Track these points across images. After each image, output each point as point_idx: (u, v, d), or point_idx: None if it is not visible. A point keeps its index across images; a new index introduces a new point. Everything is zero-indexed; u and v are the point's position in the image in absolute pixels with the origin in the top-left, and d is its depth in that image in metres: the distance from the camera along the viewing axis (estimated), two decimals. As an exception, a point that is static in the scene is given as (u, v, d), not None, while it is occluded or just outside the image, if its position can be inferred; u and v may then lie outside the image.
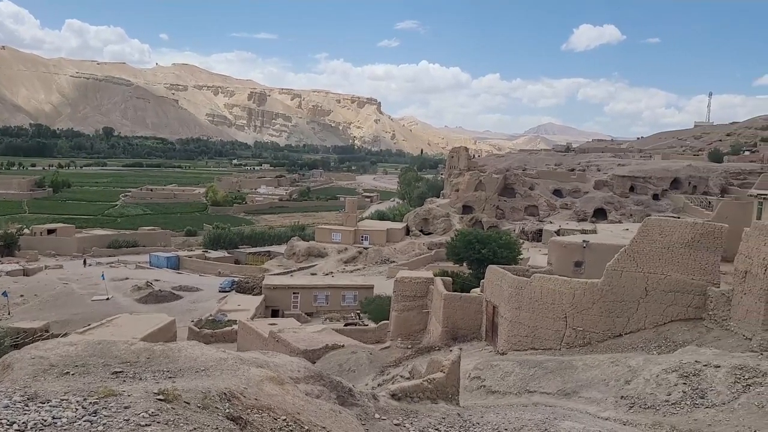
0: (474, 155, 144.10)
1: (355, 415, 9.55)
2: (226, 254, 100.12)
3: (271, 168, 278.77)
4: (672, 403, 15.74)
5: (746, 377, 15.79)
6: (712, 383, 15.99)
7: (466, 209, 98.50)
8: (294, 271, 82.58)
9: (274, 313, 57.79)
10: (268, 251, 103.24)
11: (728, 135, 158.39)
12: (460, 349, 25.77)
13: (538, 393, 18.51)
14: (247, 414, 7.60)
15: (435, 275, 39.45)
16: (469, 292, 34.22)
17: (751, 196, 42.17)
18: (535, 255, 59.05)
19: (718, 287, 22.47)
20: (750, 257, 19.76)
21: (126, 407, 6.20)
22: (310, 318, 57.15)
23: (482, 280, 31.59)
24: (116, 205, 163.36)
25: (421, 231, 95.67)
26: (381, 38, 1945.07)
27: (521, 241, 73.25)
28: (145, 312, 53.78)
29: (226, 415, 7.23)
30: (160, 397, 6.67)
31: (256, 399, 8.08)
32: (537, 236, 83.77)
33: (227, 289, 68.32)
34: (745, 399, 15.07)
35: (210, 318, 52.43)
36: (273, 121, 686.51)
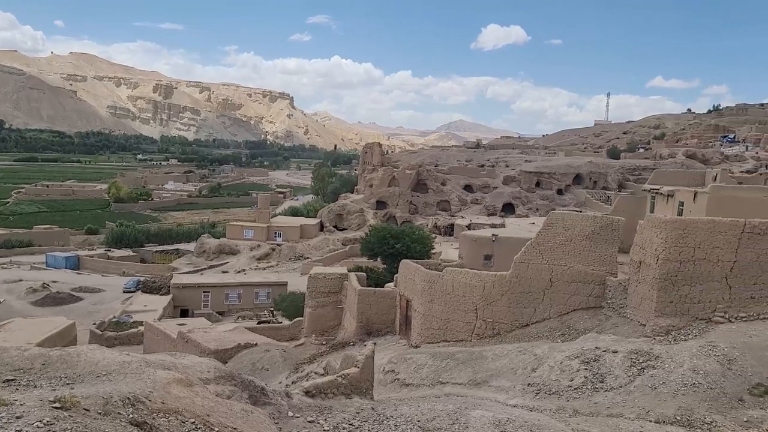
0: (387, 151, 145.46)
1: (267, 414, 9.39)
2: (131, 253, 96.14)
3: (179, 163, 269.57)
4: (574, 388, 16.54)
5: (641, 361, 16.84)
6: (610, 368, 16.93)
7: (380, 205, 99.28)
8: (204, 269, 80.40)
9: (184, 313, 56.07)
10: (177, 249, 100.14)
11: (625, 133, 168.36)
12: (374, 343, 25.93)
13: (450, 384, 18.93)
14: (153, 419, 7.30)
15: (349, 271, 39.52)
16: (383, 287, 34.52)
17: (645, 190, 44.98)
18: (447, 249, 60.36)
19: (616, 277, 23.82)
20: (644, 248, 21.05)
21: (18, 417, 5.82)
22: (221, 317, 55.86)
23: (396, 275, 31.94)
24: (8, 202, 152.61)
25: (335, 227, 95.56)
26: (292, 32, 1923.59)
27: (434, 235, 74.60)
28: (42, 315, 50.60)
29: (129, 420, 6.92)
30: (57, 405, 6.30)
31: (162, 402, 7.79)
32: (449, 231, 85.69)
33: (132, 289, 65.72)
34: (640, 381, 16.06)
35: (114, 320, 50.19)
36: (180, 114, 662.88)
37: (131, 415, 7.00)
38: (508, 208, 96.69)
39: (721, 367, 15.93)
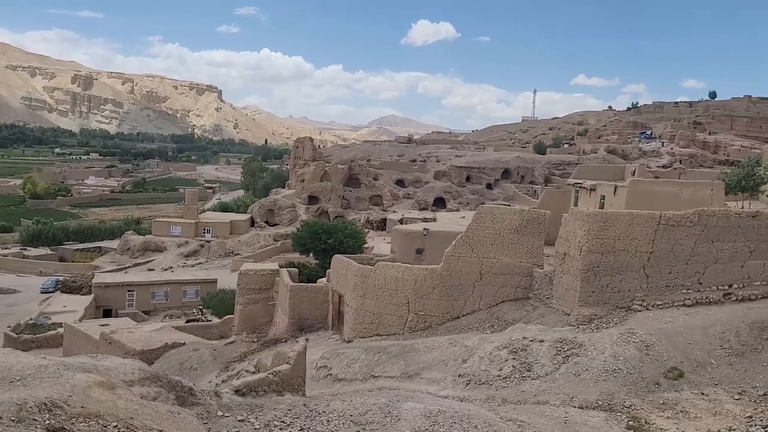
0: (319, 146, 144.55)
1: (196, 414, 9.15)
2: (49, 251, 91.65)
3: (101, 157, 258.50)
4: (503, 378, 16.97)
5: (566, 349, 17.46)
6: (537, 357, 17.48)
7: (312, 200, 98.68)
8: (129, 267, 77.65)
9: (107, 313, 53.98)
10: (99, 247, 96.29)
11: (550, 129, 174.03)
12: (307, 339, 25.80)
13: (383, 377, 19.04)
14: (72, 424, 6.98)
15: (281, 267, 39.09)
16: (315, 282, 34.34)
17: (569, 185, 46.64)
18: (379, 243, 60.65)
19: (542, 269, 24.59)
20: (568, 240, 21.81)
21: None
22: (147, 316, 54.14)
23: (328, 270, 31.84)
24: None
25: (266, 222, 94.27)
26: (219, 23, 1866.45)
27: (366, 230, 74.85)
28: (-51, 319, 47.53)
29: (46, 427, 6.60)
30: (-36, 414, 5.89)
31: (82, 407, 7.46)
32: (381, 225, 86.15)
33: (51, 289, 62.87)
34: (565, 369, 16.66)
35: (30, 322, 47.83)
36: (101, 106, 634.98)
37: (48, 421, 6.67)
38: (440, 203, 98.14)
39: (639, 353, 16.74)
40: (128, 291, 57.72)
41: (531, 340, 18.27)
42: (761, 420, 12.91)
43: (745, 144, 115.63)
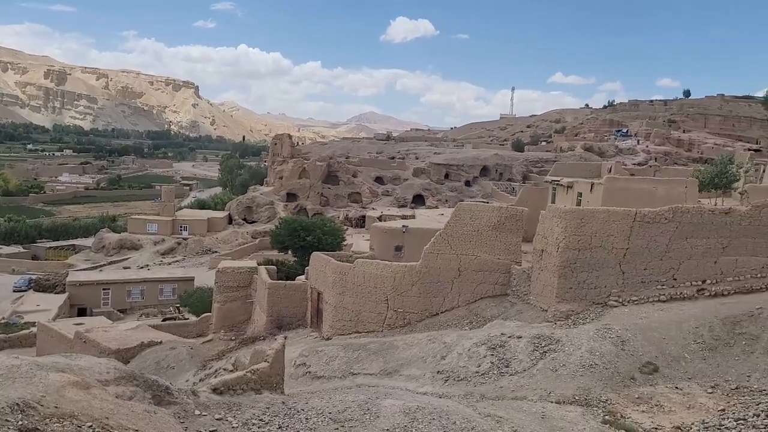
0: (297, 143, 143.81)
1: (172, 413, 9.06)
2: (22, 249, 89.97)
3: (75, 154, 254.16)
4: (481, 374, 17.07)
5: (543, 345, 17.62)
6: (515, 353, 17.61)
7: (291, 197, 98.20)
8: (104, 265, 76.56)
9: (81, 312, 53.27)
10: (73, 245, 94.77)
11: (528, 127, 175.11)
12: (285, 337, 25.60)
13: (362, 375, 19.03)
14: (45, 424, 6.88)
15: (259, 264, 38.87)
16: (294, 280, 34.20)
17: (546, 182, 47.04)
18: (358, 241, 60.51)
19: (520, 265, 24.78)
20: (546, 237, 22.00)
21: None
22: (123, 315, 53.53)
23: (307, 268, 31.73)
24: None
25: (244, 219, 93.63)
26: (196, 18, 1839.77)
27: (345, 227, 74.70)
28: None
29: (19, 428, 6.51)
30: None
31: (56, 407, 7.36)
32: (360, 222, 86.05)
33: (23, 288, 61.84)
34: (542, 365, 16.81)
35: (3, 321, 47.09)
36: (75, 102, 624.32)
37: (20, 422, 6.56)
38: (419, 200, 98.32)
39: (615, 348, 16.95)
40: (103, 289, 56.96)
41: (509, 337, 18.40)
42: (733, 413, 13.15)
43: (718, 142, 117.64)
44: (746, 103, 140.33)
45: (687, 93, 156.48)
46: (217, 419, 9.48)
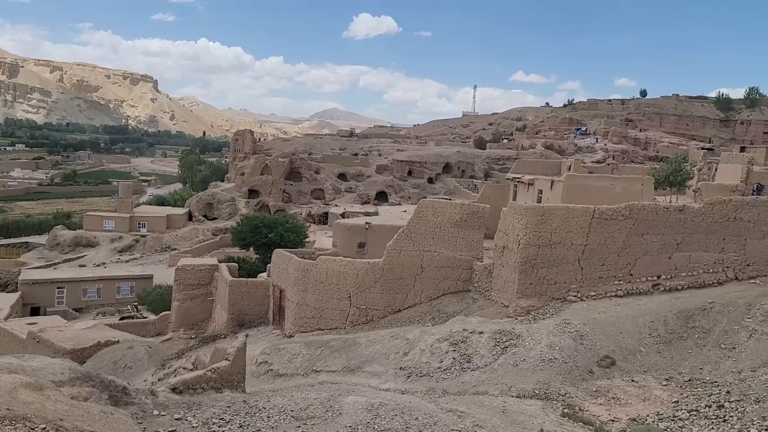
0: (259, 139, 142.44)
1: (130, 414, 8.86)
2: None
3: (28, 149, 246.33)
4: (444, 369, 17.20)
5: (504, 340, 17.84)
6: (477, 348, 17.79)
7: (252, 193, 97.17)
8: (58, 263, 74.45)
9: (35, 312, 51.67)
10: (26, 242, 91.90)
11: (490, 124, 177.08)
12: (247, 335, 25.37)
13: (325, 372, 18.97)
14: (-4, 428, 6.63)
15: (220, 262, 38.40)
16: (255, 277, 33.87)
17: (508, 179, 47.61)
18: (321, 238, 60.28)
19: (482, 262, 25.02)
20: (507, 234, 22.26)
21: None
22: (78, 314, 52.14)
23: (269, 265, 31.46)
24: None
25: (204, 216, 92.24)
26: (154, 11, 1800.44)
27: (308, 224, 74.33)
28: None
29: (-33, 432, 6.24)
30: None
31: (8, 409, 7.13)
32: (323, 219, 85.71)
33: (-27, 287, 59.34)
34: (503, 360, 17.02)
35: (-49, 322, 45.02)
36: (28, 95, 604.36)
37: (-31, 426, 6.31)
38: (382, 197, 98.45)
39: (574, 342, 17.28)
40: (58, 288, 55.39)
41: (471, 332, 18.58)
42: (687, 405, 13.55)
43: (673, 141, 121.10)
44: (700, 103, 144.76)
45: (643, 93, 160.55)
46: (176, 419, 9.31)
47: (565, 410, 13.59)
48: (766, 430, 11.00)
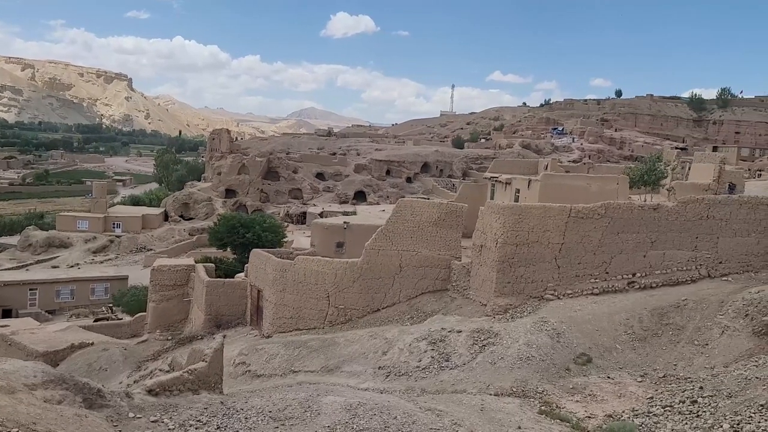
0: (237, 138, 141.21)
1: (105, 417, 8.73)
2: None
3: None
4: (422, 368, 17.23)
5: (482, 339, 17.93)
6: (455, 347, 17.85)
7: (230, 193, 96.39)
8: (30, 264, 73.07)
9: (6, 314, 50.73)
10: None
11: (468, 124, 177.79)
12: (224, 336, 25.21)
13: (303, 372, 18.89)
14: (-35, 433, 6.48)
15: (197, 262, 38.02)
16: (233, 277, 33.59)
17: (486, 178, 47.84)
18: (299, 237, 60.12)
19: (460, 261, 25.13)
20: (485, 232, 22.38)
21: None
22: (51, 316, 51.32)
23: (247, 265, 31.24)
24: None
25: (181, 216, 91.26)
26: (128, 8, 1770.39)
27: (286, 224, 73.90)
28: None
29: (-65, 438, 6.08)
30: None
31: (-23, 414, 6.94)
32: (301, 219, 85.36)
33: (-58, 289, 57.91)
34: (482, 358, 17.11)
35: None
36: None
37: (-63, 432, 6.15)
38: (360, 196, 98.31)
39: (551, 340, 17.44)
40: (30, 289, 54.43)
41: (449, 331, 18.64)
42: (661, 401, 13.74)
43: (648, 140, 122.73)
44: (673, 103, 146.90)
45: (618, 93, 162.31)
46: (152, 421, 9.20)
47: (543, 408, 13.70)
48: (738, 424, 11.20)
